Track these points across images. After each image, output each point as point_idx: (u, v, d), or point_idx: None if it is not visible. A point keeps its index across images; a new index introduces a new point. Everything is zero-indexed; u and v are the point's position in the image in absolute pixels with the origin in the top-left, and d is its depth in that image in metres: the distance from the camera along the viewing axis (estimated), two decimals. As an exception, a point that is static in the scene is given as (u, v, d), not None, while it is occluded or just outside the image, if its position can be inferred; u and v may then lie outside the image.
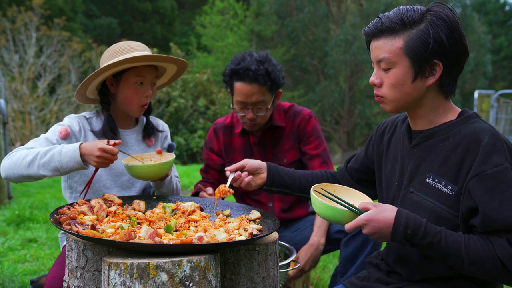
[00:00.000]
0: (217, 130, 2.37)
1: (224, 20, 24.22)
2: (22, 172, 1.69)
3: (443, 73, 1.35)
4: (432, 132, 1.40)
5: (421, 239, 1.26)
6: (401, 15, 1.35)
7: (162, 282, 1.14)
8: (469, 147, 1.29)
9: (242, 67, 2.08)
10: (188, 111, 13.50)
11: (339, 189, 1.53)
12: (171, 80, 2.16)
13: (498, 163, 1.24)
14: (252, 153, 2.29)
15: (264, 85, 2.09)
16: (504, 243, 1.21)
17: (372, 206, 1.32)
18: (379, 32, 1.38)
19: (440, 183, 1.34)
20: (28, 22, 12.66)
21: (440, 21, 1.32)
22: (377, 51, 1.39)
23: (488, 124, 1.35)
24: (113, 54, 1.88)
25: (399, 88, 1.37)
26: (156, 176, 1.82)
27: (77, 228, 1.31)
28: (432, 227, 1.27)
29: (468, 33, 21.97)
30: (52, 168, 1.67)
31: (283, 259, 1.98)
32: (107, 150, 1.64)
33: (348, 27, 18.96)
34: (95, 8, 27.82)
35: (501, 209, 1.22)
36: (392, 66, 1.36)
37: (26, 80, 12.31)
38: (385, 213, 1.29)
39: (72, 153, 1.66)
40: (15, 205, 4.91)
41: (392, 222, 1.28)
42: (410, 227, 1.26)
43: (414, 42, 1.32)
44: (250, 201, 2.32)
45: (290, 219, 2.32)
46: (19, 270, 2.89)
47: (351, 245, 2.01)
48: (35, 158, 1.68)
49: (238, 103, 2.15)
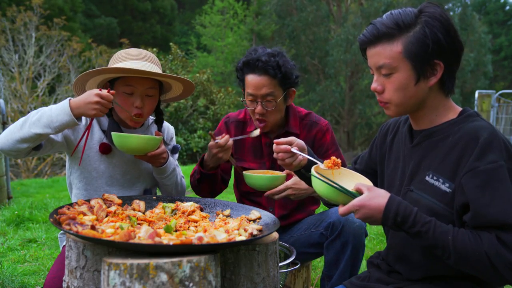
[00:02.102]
0: (229, 124, 2.32)
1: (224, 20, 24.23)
2: (15, 135, 1.67)
3: (444, 72, 1.35)
4: (433, 131, 1.41)
5: (410, 227, 1.28)
6: (395, 19, 1.35)
7: (162, 282, 1.14)
8: (467, 144, 1.30)
9: (252, 58, 2.07)
10: (188, 111, 13.49)
11: (344, 172, 1.53)
12: (182, 96, 2.12)
13: (493, 160, 1.24)
14: (262, 154, 2.27)
15: (274, 78, 2.07)
16: (492, 239, 1.21)
17: (366, 190, 1.33)
18: (376, 39, 1.37)
19: (438, 181, 1.35)
20: (28, 22, 12.67)
21: (436, 21, 1.32)
22: (376, 57, 1.38)
23: (488, 123, 1.35)
24: (112, 61, 1.92)
25: (403, 92, 1.37)
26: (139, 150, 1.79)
27: (76, 228, 1.31)
28: (422, 216, 1.28)
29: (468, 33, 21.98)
30: (43, 124, 1.64)
31: (283, 259, 1.98)
32: (103, 95, 1.65)
33: (349, 26, 18.97)
34: (95, 8, 27.82)
35: (491, 205, 1.22)
36: (394, 71, 1.36)
37: (26, 80, 12.32)
38: (377, 199, 1.31)
39: (62, 106, 1.65)
40: (14, 205, 4.91)
41: (383, 208, 1.30)
42: (400, 215, 1.28)
43: (413, 45, 1.32)
44: (250, 203, 2.30)
45: (288, 224, 2.31)
46: (18, 270, 2.88)
47: (332, 250, 2.00)
48: (27, 119, 1.68)
49: (248, 96, 2.12)
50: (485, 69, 22.54)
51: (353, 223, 1.95)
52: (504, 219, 1.20)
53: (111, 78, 1.90)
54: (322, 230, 2.07)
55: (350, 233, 1.95)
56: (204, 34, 24.77)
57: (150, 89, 1.89)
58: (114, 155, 1.96)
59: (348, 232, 1.95)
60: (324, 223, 2.07)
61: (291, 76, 2.13)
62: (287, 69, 2.10)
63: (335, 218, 2.01)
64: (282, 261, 1.89)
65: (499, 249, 1.20)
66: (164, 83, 1.99)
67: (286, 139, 1.62)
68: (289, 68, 2.11)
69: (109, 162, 1.95)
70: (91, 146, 1.93)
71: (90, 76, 1.86)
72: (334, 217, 2.02)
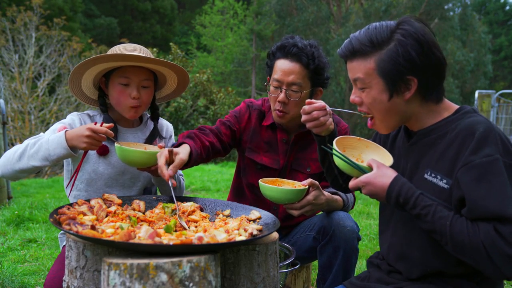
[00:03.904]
0: (252, 109, 2.20)
1: (224, 20, 24.24)
2: (15, 166, 1.71)
3: (419, 86, 1.37)
4: (430, 130, 1.42)
5: (411, 209, 1.32)
6: (370, 36, 1.37)
7: (162, 282, 1.14)
8: (464, 139, 1.30)
9: (289, 43, 2.00)
10: (188, 111, 13.49)
11: (371, 145, 1.59)
12: (176, 92, 2.13)
13: (488, 154, 1.25)
14: (277, 151, 2.17)
15: (305, 68, 1.99)
16: (490, 229, 1.22)
17: (376, 167, 1.39)
18: (351, 54, 1.42)
19: (436, 178, 1.36)
20: (28, 22, 12.67)
21: (409, 39, 1.33)
22: (352, 71, 1.44)
23: (484, 118, 1.36)
24: None
25: (378, 107, 1.42)
26: (142, 164, 1.78)
27: (76, 228, 1.31)
28: (423, 200, 1.31)
29: (468, 33, 21.98)
30: (41, 157, 1.68)
31: (283, 259, 1.98)
32: (95, 129, 1.66)
33: (351, 27, 18.97)
34: (95, 8, 27.83)
35: (487, 198, 1.23)
36: (367, 86, 1.41)
37: (26, 80, 12.32)
38: (382, 178, 1.36)
39: (59, 139, 1.66)
40: (14, 205, 4.91)
41: (387, 188, 1.35)
42: (402, 196, 1.33)
43: (385, 62, 1.35)
44: (253, 196, 2.19)
45: (289, 225, 2.24)
46: (18, 270, 2.88)
47: (325, 253, 1.95)
48: (25, 150, 1.70)
49: (274, 81, 2.02)
50: (485, 69, 22.55)
51: (344, 228, 1.90)
52: (500, 212, 1.21)
53: (107, 71, 1.90)
54: (315, 234, 2.03)
55: (341, 238, 1.90)
56: (204, 34, 24.78)
57: (145, 80, 1.91)
58: (112, 156, 1.96)
59: (339, 236, 1.90)
60: (316, 227, 2.03)
61: (323, 72, 2.04)
62: (321, 63, 2.01)
63: (325, 222, 1.96)
64: (282, 261, 1.88)
65: (495, 239, 1.20)
66: (158, 76, 2.01)
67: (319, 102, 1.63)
68: (323, 63, 2.03)
69: (107, 163, 1.95)
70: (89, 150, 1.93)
71: (85, 68, 1.85)
72: (325, 221, 1.97)
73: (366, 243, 3.79)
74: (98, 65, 1.85)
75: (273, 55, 2.07)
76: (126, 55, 1.80)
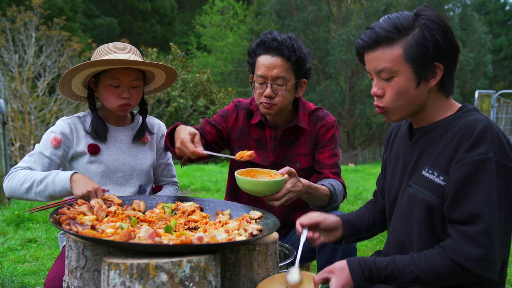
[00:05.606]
0: (240, 109, 2.21)
1: (224, 20, 24.25)
2: (23, 196, 1.83)
3: (443, 74, 1.36)
4: (432, 127, 1.42)
5: (378, 276, 1.30)
6: (394, 22, 1.35)
7: (162, 282, 1.14)
8: (463, 137, 1.30)
9: (268, 38, 2.00)
10: (188, 111, 13.50)
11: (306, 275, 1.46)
12: (164, 86, 2.16)
13: (482, 152, 1.24)
14: (266, 148, 2.17)
15: (288, 61, 1.99)
16: (455, 243, 1.23)
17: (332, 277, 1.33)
18: (375, 43, 1.37)
19: (433, 174, 1.35)
20: (28, 22, 12.66)
21: (434, 24, 1.32)
22: (375, 62, 1.38)
23: (485, 116, 1.36)
24: (95, 56, 1.95)
25: (403, 96, 1.38)
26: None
27: (76, 228, 1.31)
28: (380, 261, 1.31)
29: (468, 33, 21.99)
30: (46, 195, 1.79)
31: (283, 259, 1.98)
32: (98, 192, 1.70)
33: (351, 27, 18.98)
34: (95, 8, 27.84)
35: (469, 196, 1.23)
36: (394, 75, 1.36)
37: (26, 80, 12.32)
38: (341, 273, 1.32)
39: (64, 184, 1.75)
40: (14, 205, 4.91)
41: (349, 274, 1.31)
42: (366, 270, 1.31)
43: (413, 48, 1.33)
44: (247, 195, 2.13)
45: (288, 223, 2.22)
46: (18, 270, 2.88)
47: (323, 254, 1.94)
48: (31, 186, 1.78)
49: (258, 78, 2.02)
50: (485, 69, 22.55)
51: None
52: (475, 212, 1.22)
53: (96, 72, 1.92)
54: None
55: None
56: (204, 34, 24.80)
57: (135, 80, 1.94)
58: (103, 154, 1.97)
59: None
60: None
61: (305, 63, 2.04)
62: (302, 54, 2.02)
63: None
64: (282, 261, 1.88)
65: (458, 246, 1.22)
66: (147, 73, 2.03)
67: (313, 220, 1.58)
68: (304, 54, 2.03)
69: (99, 161, 1.96)
70: (79, 151, 1.95)
71: (76, 73, 1.88)
72: None
73: (365, 243, 3.78)
74: (88, 69, 1.88)
75: (253, 52, 2.07)
76: (118, 60, 1.82)
